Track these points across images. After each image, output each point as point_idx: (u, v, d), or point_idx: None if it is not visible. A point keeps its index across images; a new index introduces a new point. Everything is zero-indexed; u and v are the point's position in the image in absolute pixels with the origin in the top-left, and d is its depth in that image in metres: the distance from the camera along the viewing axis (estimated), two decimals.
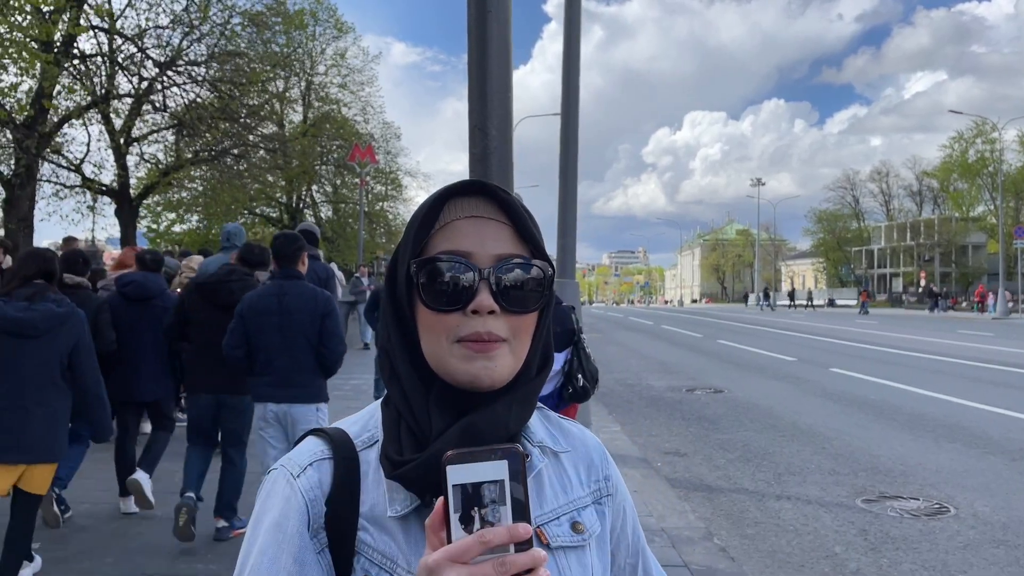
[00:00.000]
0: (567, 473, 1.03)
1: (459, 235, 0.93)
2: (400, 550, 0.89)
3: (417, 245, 0.94)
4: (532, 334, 0.95)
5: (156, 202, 25.91)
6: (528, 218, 0.96)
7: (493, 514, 0.72)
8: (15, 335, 3.84)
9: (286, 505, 0.90)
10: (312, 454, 0.94)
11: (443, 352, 0.91)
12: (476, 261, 0.91)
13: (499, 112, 3.07)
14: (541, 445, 1.01)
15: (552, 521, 0.97)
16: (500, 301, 0.90)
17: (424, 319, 0.93)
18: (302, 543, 0.88)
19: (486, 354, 0.90)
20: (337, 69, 32.40)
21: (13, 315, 3.84)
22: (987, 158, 59.17)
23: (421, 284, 0.91)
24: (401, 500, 0.90)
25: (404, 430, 0.92)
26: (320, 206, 37.54)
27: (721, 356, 18.53)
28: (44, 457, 3.94)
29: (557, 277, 1.39)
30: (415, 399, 0.92)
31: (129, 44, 18.72)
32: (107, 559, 4.54)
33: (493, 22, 3.04)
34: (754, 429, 9.29)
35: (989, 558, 4.95)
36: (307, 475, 0.92)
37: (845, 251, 76.81)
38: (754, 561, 4.91)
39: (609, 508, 1.06)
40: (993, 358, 17.56)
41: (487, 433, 0.89)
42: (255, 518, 0.93)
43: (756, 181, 75.25)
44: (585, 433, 1.11)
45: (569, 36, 7.58)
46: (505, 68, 3.12)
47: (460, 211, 0.94)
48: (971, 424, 9.48)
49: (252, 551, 0.89)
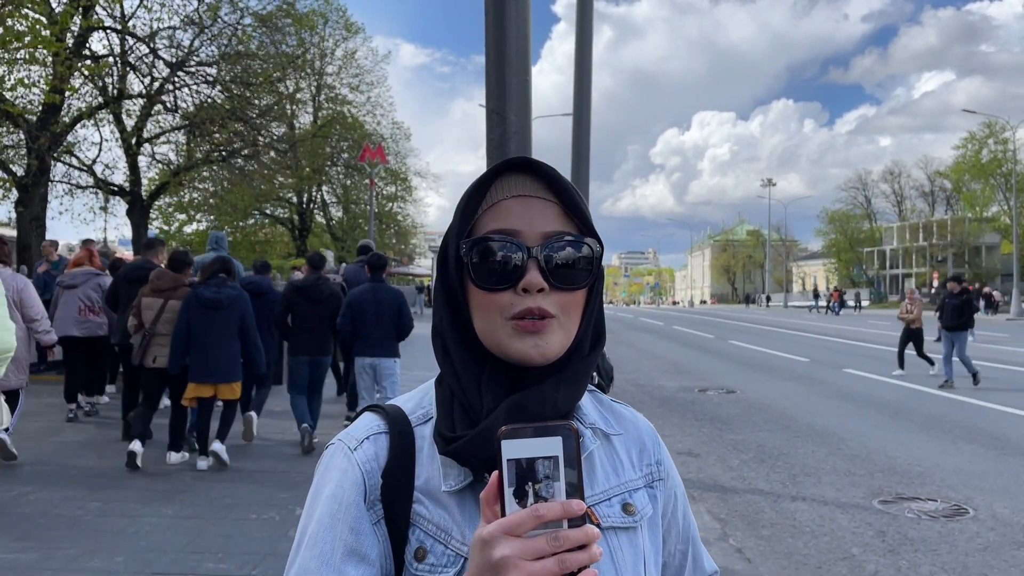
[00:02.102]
0: (619, 456, 1.03)
1: (508, 214, 0.93)
2: (455, 522, 0.90)
3: (466, 225, 0.95)
4: (582, 311, 0.96)
5: (167, 203, 26.01)
6: (576, 194, 0.95)
7: (547, 489, 0.73)
8: (211, 308, 6.48)
9: (343, 477, 0.92)
10: (369, 428, 0.97)
11: (495, 329, 0.92)
12: (525, 239, 0.92)
13: (518, 96, 2.96)
14: (593, 427, 1.02)
15: (603, 502, 0.98)
16: (549, 279, 0.91)
17: (475, 298, 0.94)
18: (358, 513, 0.90)
19: (537, 333, 0.91)
20: (347, 69, 32.48)
21: (209, 296, 6.50)
22: (1000, 158, 58.70)
23: (471, 264, 0.93)
24: (455, 475, 0.92)
25: (457, 408, 0.94)
26: (330, 207, 37.60)
27: (733, 357, 18.41)
28: (228, 379, 6.63)
29: None
30: (467, 378, 0.94)
31: (141, 44, 18.79)
32: (117, 558, 4.51)
33: (512, 2, 2.95)
34: (768, 430, 9.21)
35: (1010, 560, 4.87)
36: (363, 448, 0.94)
37: (857, 252, 76.37)
38: (771, 562, 4.84)
39: (661, 492, 1.06)
40: (1009, 359, 17.39)
41: (534, 411, 0.90)
42: (314, 490, 0.95)
43: (767, 182, 75.01)
44: (637, 417, 1.11)
45: (581, 36, 7.51)
46: (524, 50, 3.02)
47: (508, 190, 0.95)
48: (988, 425, 9.36)
49: (311, 521, 0.91)
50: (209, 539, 4.84)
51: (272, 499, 5.71)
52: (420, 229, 44.63)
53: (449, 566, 0.89)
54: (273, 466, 6.74)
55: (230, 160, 21.79)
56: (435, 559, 0.89)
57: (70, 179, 20.73)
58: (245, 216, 31.25)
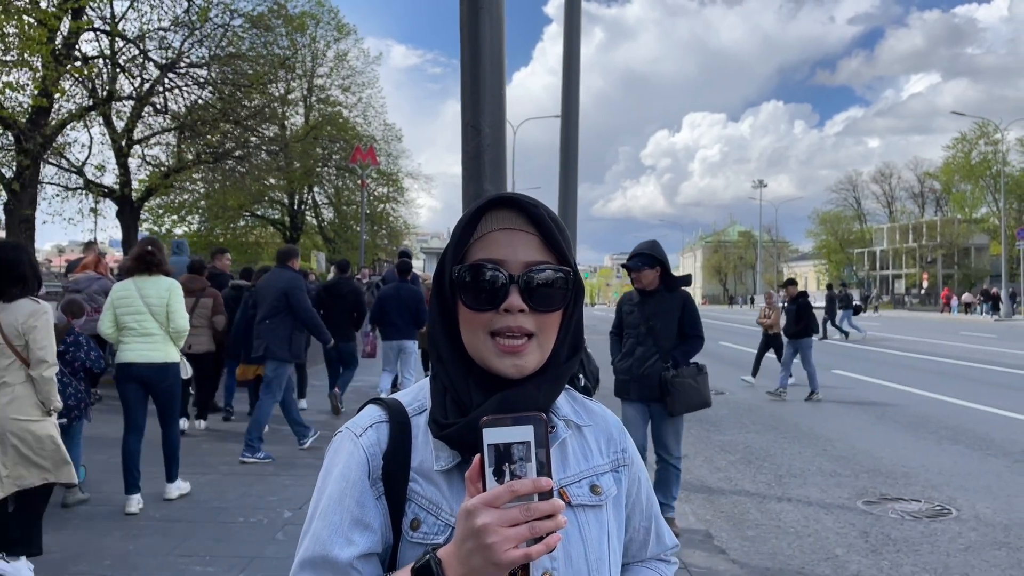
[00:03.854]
0: (588, 444, 1.19)
1: (494, 244, 1.09)
2: (444, 497, 1.06)
3: (459, 252, 1.11)
4: (557, 328, 1.11)
5: (158, 205, 25.91)
6: (554, 228, 1.10)
7: (521, 469, 0.87)
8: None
9: (350, 459, 1.08)
10: (372, 417, 1.12)
11: (479, 343, 1.08)
12: (508, 267, 1.07)
13: (492, 109, 3.04)
14: (566, 419, 1.18)
15: (574, 483, 1.13)
16: (528, 301, 1.06)
17: (464, 315, 1.09)
18: (363, 488, 1.05)
19: (516, 354, 1.06)
20: (338, 71, 32.42)
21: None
22: (990, 160, 59.06)
23: (462, 287, 1.08)
24: (445, 457, 1.07)
25: (449, 400, 1.09)
26: (322, 208, 37.51)
27: (721, 358, 18.48)
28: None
29: None
30: (457, 379, 1.09)
31: (131, 46, 18.73)
32: (105, 561, 4.52)
33: (485, 18, 3.00)
34: (755, 431, 9.27)
35: (990, 560, 4.92)
36: (368, 435, 1.09)
37: (848, 253, 76.69)
38: (755, 563, 4.88)
39: (625, 476, 1.22)
40: (995, 360, 17.51)
41: (519, 405, 1.03)
42: (325, 470, 1.10)
43: (758, 183, 75.13)
44: (606, 411, 1.28)
45: (570, 38, 7.55)
46: (498, 65, 3.09)
47: (495, 223, 1.10)
48: (973, 426, 9.44)
49: (323, 496, 1.07)
50: (197, 543, 4.85)
51: (260, 502, 5.73)
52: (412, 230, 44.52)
53: (439, 534, 1.04)
54: (261, 469, 6.75)
55: (221, 161, 21.74)
56: (427, 528, 1.05)
57: (60, 181, 20.64)
58: (236, 217, 31.17)
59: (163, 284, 5.65)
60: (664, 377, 5.15)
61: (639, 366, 5.24)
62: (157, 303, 5.57)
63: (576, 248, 7.59)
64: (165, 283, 5.67)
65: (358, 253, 25.67)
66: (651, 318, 5.26)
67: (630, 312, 5.41)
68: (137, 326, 5.52)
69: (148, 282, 5.62)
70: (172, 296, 5.63)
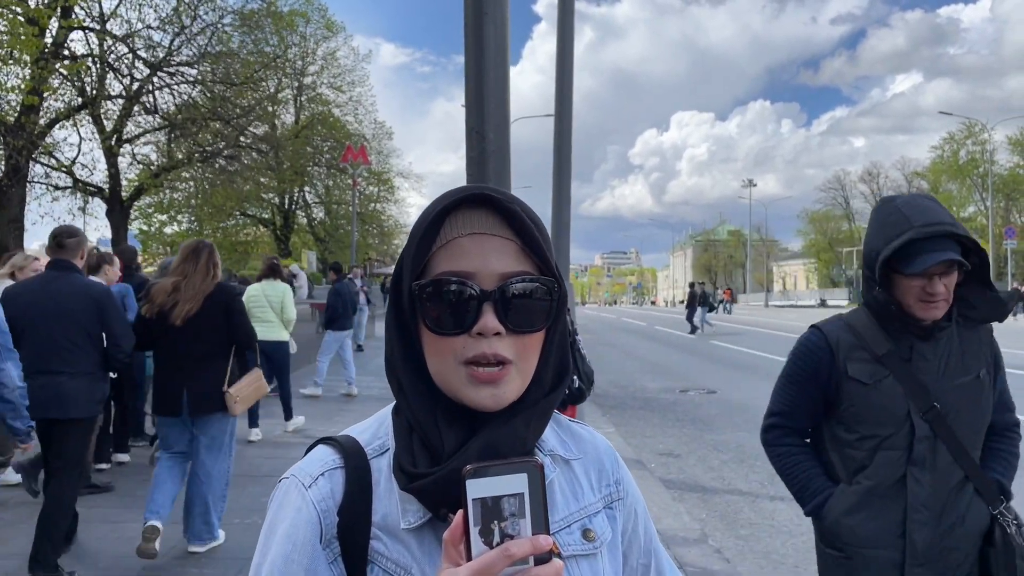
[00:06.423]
0: (578, 480, 1.02)
1: (461, 254, 0.89)
2: (414, 559, 0.88)
3: (418, 264, 0.90)
4: (540, 351, 0.93)
5: (147, 204, 25.80)
6: (535, 229, 0.91)
7: (513, 527, 0.72)
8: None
9: (297, 516, 0.90)
10: (323, 463, 0.93)
11: (449, 373, 0.89)
12: (479, 282, 0.87)
13: (496, 115, 3.06)
14: (552, 454, 1.00)
15: (563, 529, 0.96)
16: (505, 322, 0.87)
17: (429, 340, 0.90)
18: (313, 553, 0.88)
19: (494, 383, 0.88)
20: (328, 69, 32.38)
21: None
22: (978, 159, 59.48)
23: (424, 307, 0.89)
24: (414, 512, 0.89)
25: (416, 442, 0.91)
26: (312, 207, 37.45)
27: (714, 357, 18.56)
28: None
29: None
30: (422, 413, 0.91)
31: (120, 45, 18.63)
32: (100, 563, 4.51)
33: (490, 24, 3.01)
34: (748, 430, 9.30)
35: None
36: (319, 485, 0.91)
37: (836, 252, 77.07)
38: (749, 562, 4.91)
39: (620, 512, 1.05)
40: None
41: (506, 450, 0.87)
42: (268, 526, 0.93)
43: (747, 182, 75.60)
44: (596, 437, 1.10)
45: (562, 37, 7.55)
46: (502, 71, 3.11)
47: (462, 227, 0.90)
48: None
49: (264, 560, 0.90)
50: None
51: (255, 503, 5.71)
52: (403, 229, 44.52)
53: None
54: (255, 470, 6.74)
55: (211, 160, 21.67)
56: None
57: (49, 180, 20.52)
58: (226, 217, 31.08)
59: (280, 287, 8.50)
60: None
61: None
62: (275, 300, 8.39)
63: (569, 247, 7.60)
64: (281, 287, 8.52)
65: (349, 252, 25.62)
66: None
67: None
68: (261, 315, 7.98)
69: (270, 286, 8.47)
70: (285, 296, 8.49)
